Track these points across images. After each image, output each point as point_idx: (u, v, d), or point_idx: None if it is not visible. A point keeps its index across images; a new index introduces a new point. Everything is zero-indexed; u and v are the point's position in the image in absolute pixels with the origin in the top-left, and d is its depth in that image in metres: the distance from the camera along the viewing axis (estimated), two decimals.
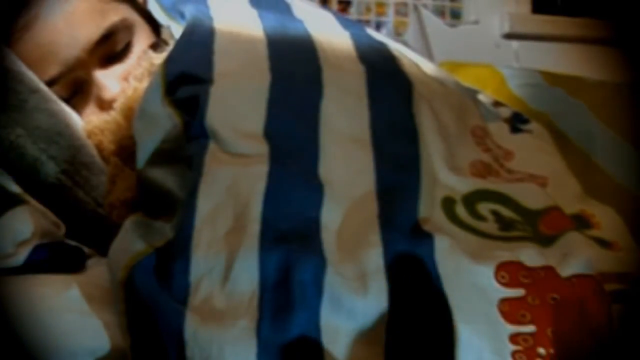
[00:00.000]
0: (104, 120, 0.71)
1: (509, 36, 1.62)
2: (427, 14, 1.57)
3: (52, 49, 0.74)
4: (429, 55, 1.37)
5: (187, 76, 0.62)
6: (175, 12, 0.75)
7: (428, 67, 0.75)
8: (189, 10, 0.72)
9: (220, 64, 0.63)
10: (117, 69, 0.78)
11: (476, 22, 1.63)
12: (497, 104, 0.78)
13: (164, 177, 0.57)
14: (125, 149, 0.68)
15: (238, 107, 0.59)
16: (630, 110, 0.73)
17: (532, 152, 0.68)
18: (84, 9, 0.76)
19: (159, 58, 0.71)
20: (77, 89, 0.77)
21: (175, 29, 0.74)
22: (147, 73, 0.71)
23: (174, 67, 0.63)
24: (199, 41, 0.66)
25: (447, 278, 0.49)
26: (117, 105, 0.71)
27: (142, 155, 0.59)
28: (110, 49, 0.77)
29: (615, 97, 0.78)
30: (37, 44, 0.74)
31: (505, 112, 0.75)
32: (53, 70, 0.75)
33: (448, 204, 0.57)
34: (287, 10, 0.76)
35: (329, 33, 0.71)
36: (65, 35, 0.75)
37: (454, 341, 0.47)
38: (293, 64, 0.65)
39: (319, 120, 0.60)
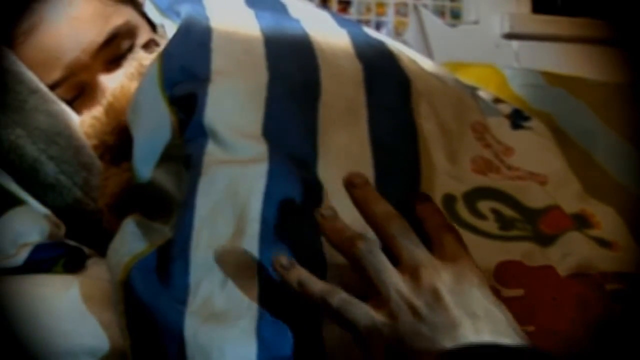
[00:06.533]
0: (92, 117, 0.71)
1: (509, 36, 1.61)
2: (427, 14, 1.57)
3: (55, 53, 0.74)
4: (429, 55, 1.37)
5: (185, 73, 0.62)
6: (171, 12, 0.74)
7: (426, 64, 0.75)
8: (185, 10, 0.72)
9: (218, 63, 0.63)
10: (121, 72, 0.78)
11: (476, 22, 1.63)
12: (497, 100, 0.78)
13: (160, 177, 0.57)
14: (104, 144, 0.68)
15: (236, 106, 0.59)
16: (630, 110, 0.73)
17: (533, 149, 0.68)
18: (87, 13, 0.75)
19: (147, 59, 0.70)
20: (81, 92, 0.77)
21: (169, 28, 0.74)
22: (137, 73, 0.70)
23: (171, 63, 0.63)
24: (196, 39, 0.65)
25: None
26: (104, 102, 0.71)
27: (138, 150, 0.59)
28: (113, 52, 0.77)
29: (616, 97, 0.78)
30: (40, 47, 0.74)
31: (505, 108, 0.75)
32: (57, 74, 0.74)
33: (449, 202, 0.57)
34: (283, 10, 0.75)
35: (326, 31, 0.71)
36: (69, 39, 0.74)
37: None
38: (291, 63, 0.64)
39: (317, 118, 0.60)
